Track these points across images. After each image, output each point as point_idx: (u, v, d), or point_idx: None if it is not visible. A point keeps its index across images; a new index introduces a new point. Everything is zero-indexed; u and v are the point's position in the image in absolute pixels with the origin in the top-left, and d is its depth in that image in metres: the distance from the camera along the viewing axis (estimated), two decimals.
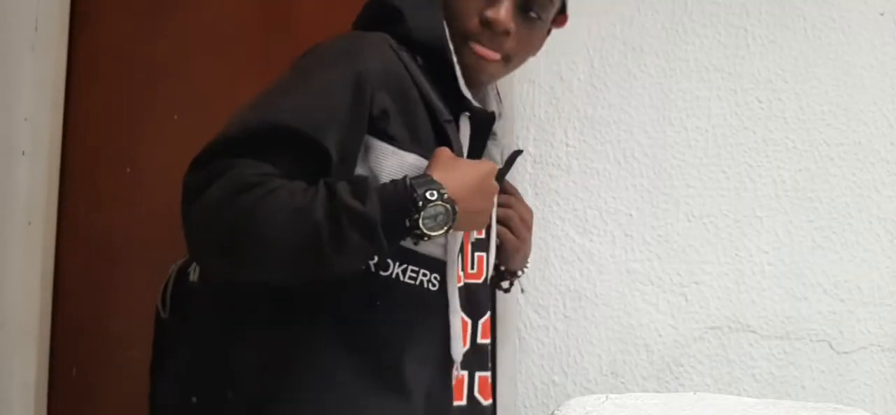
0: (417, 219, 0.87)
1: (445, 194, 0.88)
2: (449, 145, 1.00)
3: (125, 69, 1.72)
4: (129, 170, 1.70)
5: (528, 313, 1.60)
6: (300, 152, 0.88)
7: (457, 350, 1.02)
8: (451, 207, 0.89)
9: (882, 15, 1.63)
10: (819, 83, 1.62)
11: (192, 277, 1.09)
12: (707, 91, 1.63)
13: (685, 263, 1.60)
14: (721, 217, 1.61)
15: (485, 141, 1.09)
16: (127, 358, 1.68)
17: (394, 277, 0.98)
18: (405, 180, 0.89)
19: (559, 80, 1.65)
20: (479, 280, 1.12)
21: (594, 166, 1.63)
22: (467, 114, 1.04)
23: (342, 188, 0.86)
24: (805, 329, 1.59)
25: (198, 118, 1.51)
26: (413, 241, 0.91)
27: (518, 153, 1.19)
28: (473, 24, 1.03)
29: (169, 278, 1.10)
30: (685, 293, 1.60)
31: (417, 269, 0.99)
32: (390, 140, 0.95)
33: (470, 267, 1.11)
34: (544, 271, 1.61)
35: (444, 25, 1.03)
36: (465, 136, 1.05)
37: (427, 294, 1.01)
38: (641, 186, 1.62)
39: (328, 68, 0.95)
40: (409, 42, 1.02)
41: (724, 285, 1.60)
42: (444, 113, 0.99)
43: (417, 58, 1.02)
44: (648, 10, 1.65)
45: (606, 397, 1.22)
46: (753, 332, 1.59)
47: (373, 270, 0.97)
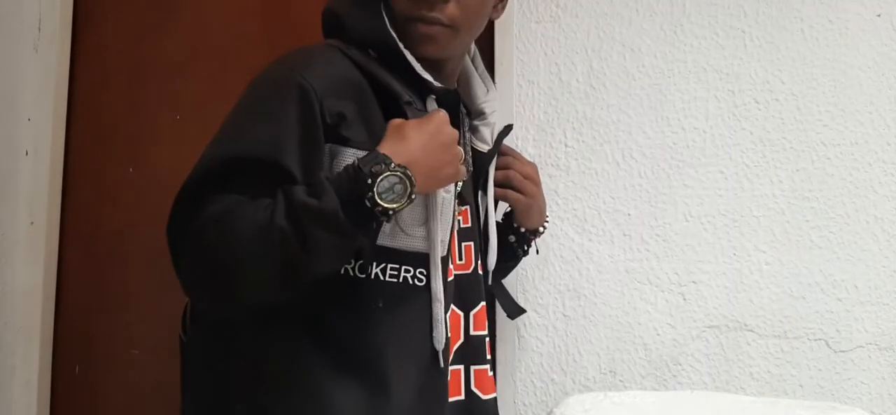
0: (372, 196, 0.85)
1: (392, 163, 0.87)
2: None
3: (128, 69, 1.73)
4: (131, 170, 1.71)
5: (528, 312, 1.61)
6: (263, 178, 0.89)
7: (439, 338, 1.00)
8: (404, 174, 0.87)
9: (879, 16, 1.64)
10: (816, 84, 1.63)
11: None
12: (705, 92, 1.64)
13: (683, 262, 1.61)
14: (719, 217, 1.62)
15: (457, 118, 1.07)
16: (129, 357, 1.68)
17: (373, 277, 0.96)
18: (353, 163, 0.88)
19: (558, 81, 1.66)
20: (468, 271, 1.11)
21: (593, 167, 1.64)
22: (433, 96, 1.03)
23: (298, 191, 0.86)
24: (802, 328, 1.60)
25: (200, 118, 1.51)
26: (385, 220, 0.89)
27: (508, 128, 1.17)
28: (404, 5, 1.01)
29: (187, 304, 1.10)
30: (683, 292, 1.61)
31: (398, 266, 0.98)
32: (348, 142, 0.94)
33: (458, 258, 1.09)
34: (543, 271, 1.62)
35: (385, 18, 1.02)
36: None
37: (412, 290, 0.99)
38: (640, 186, 1.63)
39: (273, 90, 0.96)
40: (358, 42, 1.01)
41: (722, 285, 1.61)
42: (403, 95, 0.98)
43: (369, 51, 1.01)
44: (647, 11, 1.66)
45: (605, 395, 1.23)
46: (751, 331, 1.60)
47: (351, 273, 0.96)
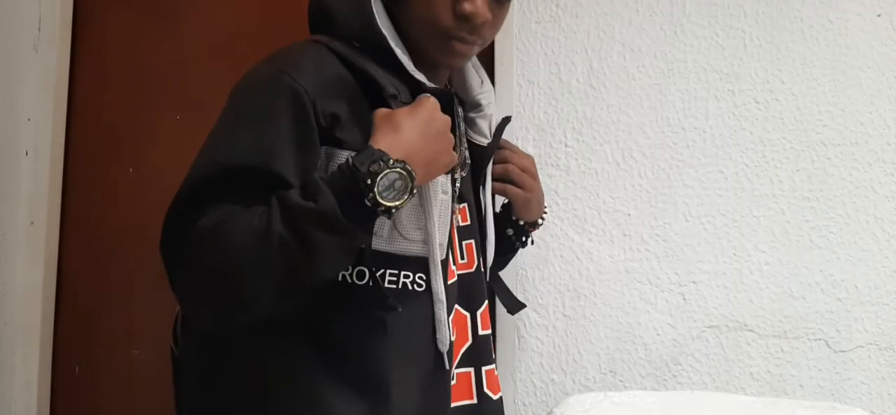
0: (373, 197, 0.83)
1: (390, 159, 0.84)
2: None
3: (128, 69, 1.73)
4: (131, 170, 1.71)
5: (528, 312, 1.61)
6: (257, 186, 0.86)
7: (443, 339, 0.98)
8: (404, 169, 0.85)
9: (879, 16, 1.64)
10: (816, 84, 1.63)
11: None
12: (705, 92, 1.64)
13: (683, 262, 1.61)
14: (719, 217, 1.62)
15: (452, 117, 1.04)
16: (129, 357, 1.69)
17: (372, 285, 0.93)
18: (348, 162, 0.85)
19: (558, 82, 1.66)
20: (471, 269, 1.09)
21: (593, 167, 1.64)
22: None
23: (293, 195, 0.84)
24: (802, 328, 1.60)
25: (200, 118, 1.49)
26: (386, 217, 0.87)
27: (506, 120, 1.14)
28: (448, 20, 0.98)
29: (177, 316, 1.07)
30: (683, 292, 1.61)
31: (397, 271, 0.95)
32: (344, 144, 0.91)
33: (460, 257, 1.07)
34: (543, 271, 1.62)
35: (373, 12, 0.97)
36: None
37: (412, 295, 0.96)
38: (640, 186, 1.63)
39: (262, 94, 0.92)
40: (345, 36, 0.98)
41: (721, 285, 1.61)
42: (387, 87, 0.94)
43: (355, 43, 0.97)
44: (647, 11, 1.66)
45: (605, 395, 1.23)
46: (751, 331, 1.60)
47: (350, 280, 0.93)
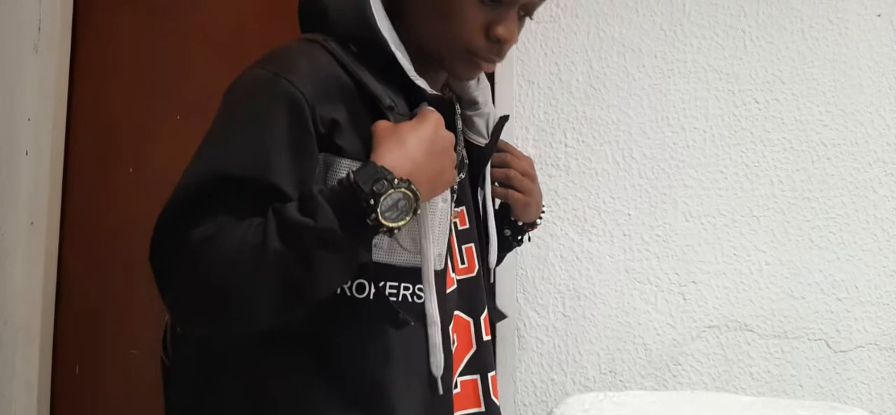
0: (376, 218, 0.79)
1: (395, 179, 0.80)
2: None
3: (128, 69, 1.73)
4: (131, 170, 1.71)
5: (528, 312, 1.61)
6: (252, 197, 0.82)
7: (437, 364, 0.95)
8: (409, 189, 0.80)
9: (879, 16, 1.64)
10: (816, 84, 1.63)
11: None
12: (705, 92, 1.64)
13: (683, 262, 1.61)
14: (719, 217, 1.62)
15: (452, 125, 1.00)
16: (129, 357, 1.69)
17: (372, 298, 0.90)
18: (349, 177, 0.80)
19: (558, 82, 1.66)
20: (472, 274, 1.07)
21: (593, 167, 1.64)
22: (425, 104, 0.95)
23: (290, 209, 0.80)
24: (802, 328, 1.60)
25: (200, 118, 1.49)
26: (387, 236, 0.83)
27: (504, 120, 1.12)
28: (479, 41, 0.95)
29: (167, 324, 1.04)
30: (683, 292, 1.61)
31: (397, 283, 0.92)
32: (343, 152, 0.87)
33: (460, 262, 1.05)
34: (543, 271, 1.62)
35: (373, 13, 0.92)
36: None
37: (412, 308, 0.93)
38: (640, 186, 1.63)
39: (257, 99, 0.87)
40: (338, 34, 0.93)
41: (721, 285, 1.61)
42: (383, 99, 0.90)
43: (350, 46, 0.93)
44: (646, 11, 1.66)
45: (605, 395, 1.23)
46: (751, 331, 1.60)
47: (349, 293, 0.90)
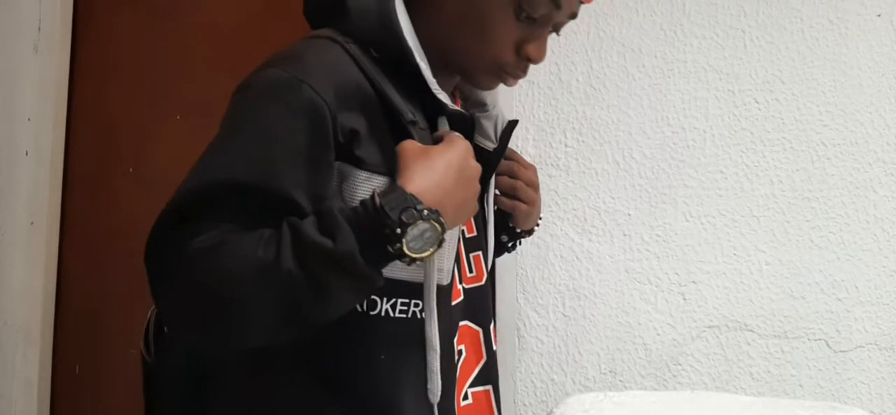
0: (400, 247, 0.74)
1: (424, 210, 0.75)
2: None
3: (128, 70, 1.73)
4: (131, 170, 1.71)
5: (528, 313, 1.61)
6: (261, 207, 0.77)
7: (434, 390, 0.91)
8: (437, 221, 0.75)
9: (879, 16, 1.64)
10: (816, 84, 1.63)
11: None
12: (705, 92, 1.64)
13: (683, 262, 1.61)
14: (719, 217, 1.62)
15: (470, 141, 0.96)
16: (129, 357, 1.68)
17: (383, 314, 0.86)
18: (375, 201, 0.74)
19: (558, 82, 1.66)
20: (480, 282, 1.04)
21: (593, 167, 1.64)
22: (444, 118, 0.91)
23: (307, 227, 0.74)
24: (802, 328, 1.60)
25: (200, 118, 1.52)
26: (407, 264, 0.78)
27: (513, 124, 1.07)
28: (510, 58, 0.91)
29: (148, 322, 0.99)
30: (683, 292, 1.61)
31: (408, 300, 0.88)
32: (362, 164, 0.82)
33: (468, 271, 1.02)
34: (543, 271, 1.62)
35: (398, 17, 0.87)
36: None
37: (420, 324, 0.89)
38: (640, 186, 1.63)
39: (275, 103, 0.81)
40: (359, 36, 0.87)
41: (721, 285, 1.61)
42: (406, 113, 0.85)
43: (371, 50, 0.87)
44: (647, 11, 1.66)
45: (605, 395, 1.23)
46: (751, 331, 1.60)
47: (360, 310, 0.85)
